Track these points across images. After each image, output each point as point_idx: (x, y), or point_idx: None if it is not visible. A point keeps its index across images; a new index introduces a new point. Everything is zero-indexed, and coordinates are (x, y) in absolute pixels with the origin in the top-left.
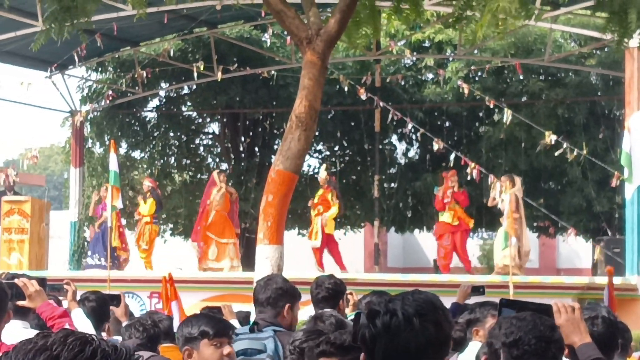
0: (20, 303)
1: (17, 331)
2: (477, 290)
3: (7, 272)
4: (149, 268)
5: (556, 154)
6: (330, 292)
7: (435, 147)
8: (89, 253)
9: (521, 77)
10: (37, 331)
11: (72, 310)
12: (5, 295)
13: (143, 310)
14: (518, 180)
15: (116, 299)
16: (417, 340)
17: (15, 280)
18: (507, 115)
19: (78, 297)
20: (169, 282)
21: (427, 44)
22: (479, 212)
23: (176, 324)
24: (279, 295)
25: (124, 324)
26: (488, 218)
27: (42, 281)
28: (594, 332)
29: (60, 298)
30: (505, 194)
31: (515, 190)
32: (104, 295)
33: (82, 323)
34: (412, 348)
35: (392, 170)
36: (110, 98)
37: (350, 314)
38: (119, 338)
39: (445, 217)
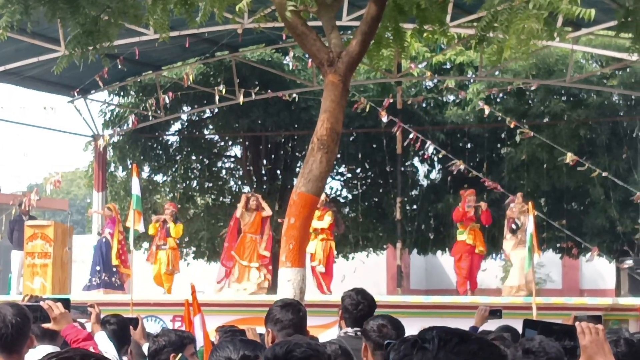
0: (45, 325)
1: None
2: (495, 314)
3: (31, 296)
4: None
5: (579, 169)
6: (372, 310)
7: (455, 170)
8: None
9: (542, 96)
10: None
11: (95, 333)
12: (27, 320)
13: None
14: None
15: (134, 322)
16: None
17: (41, 303)
18: (524, 133)
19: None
20: (192, 294)
21: (448, 65)
22: (501, 233)
23: (199, 339)
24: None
25: (144, 345)
26: None
27: (66, 303)
28: (617, 353)
29: (84, 321)
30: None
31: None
32: (124, 319)
33: (105, 346)
34: None
35: (414, 192)
36: (136, 123)
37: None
38: None
39: (464, 236)
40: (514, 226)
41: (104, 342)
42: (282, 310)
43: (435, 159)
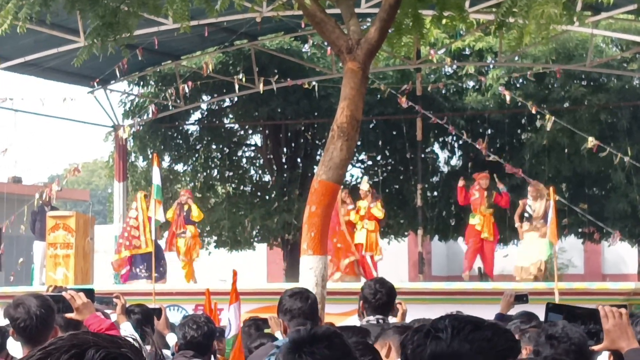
0: (68, 315)
1: None
2: (521, 299)
3: (54, 286)
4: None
5: (601, 154)
6: (390, 298)
7: (482, 149)
8: (138, 266)
9: (562, 81)
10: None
11: (121, 323)
12: (52, 311)
13: None
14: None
15: (157, 312)
16: None
17: (63, 293)
18: (548, 121)
19: None
20: (232, 283)
21: (467, 51)
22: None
23: (233, 327)
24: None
25: (167, 335)
26: None
27: (90, 293)
28: None
29: (109, 311)
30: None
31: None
32: (148, 309)
33: None
34: None
35: (435, 179)
36: (156, 112)
37: (399, 323)
38: (166, 352)
39: (476, 220)
40: (525, 214)
41: (129, 333)
42: (291, 299)
43: (456, 145)
